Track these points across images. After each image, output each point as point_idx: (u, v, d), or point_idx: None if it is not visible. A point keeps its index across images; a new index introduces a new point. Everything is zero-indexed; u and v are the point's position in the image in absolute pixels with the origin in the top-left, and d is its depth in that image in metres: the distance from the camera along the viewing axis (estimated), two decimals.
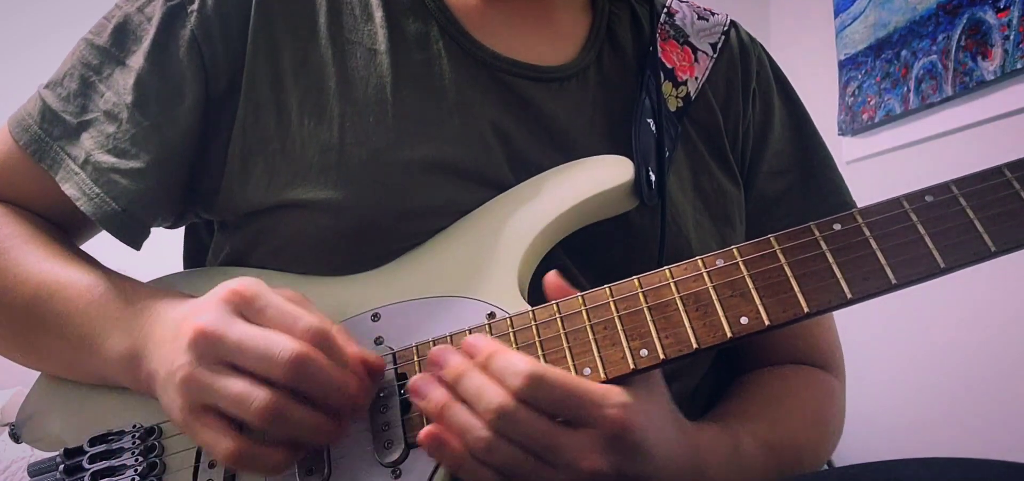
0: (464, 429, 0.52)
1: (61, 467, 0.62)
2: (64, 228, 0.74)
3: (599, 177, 0.67)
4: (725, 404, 0.75)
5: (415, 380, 0.55)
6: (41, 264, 0.67)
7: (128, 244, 0.70)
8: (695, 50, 0.81)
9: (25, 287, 0.66)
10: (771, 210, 0.80)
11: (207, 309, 0.55)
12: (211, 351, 0.53)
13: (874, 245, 0.54)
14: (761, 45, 0.88)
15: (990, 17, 1.53)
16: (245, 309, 0.55)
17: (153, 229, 0.72)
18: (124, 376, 0.62)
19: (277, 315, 0.54)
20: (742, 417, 0.70)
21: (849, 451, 2.05)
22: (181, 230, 0.82)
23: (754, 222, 0.80)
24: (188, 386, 0.54)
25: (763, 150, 0.82)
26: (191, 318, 0.55)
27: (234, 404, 0.52)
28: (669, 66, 0.78)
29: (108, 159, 0.67)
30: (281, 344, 0.52)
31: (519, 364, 0.51)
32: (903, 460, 0.53)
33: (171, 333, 0.57)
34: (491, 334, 0.60)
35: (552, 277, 0.59)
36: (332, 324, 0.56)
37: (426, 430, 0.53)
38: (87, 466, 0.62)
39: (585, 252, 0.69)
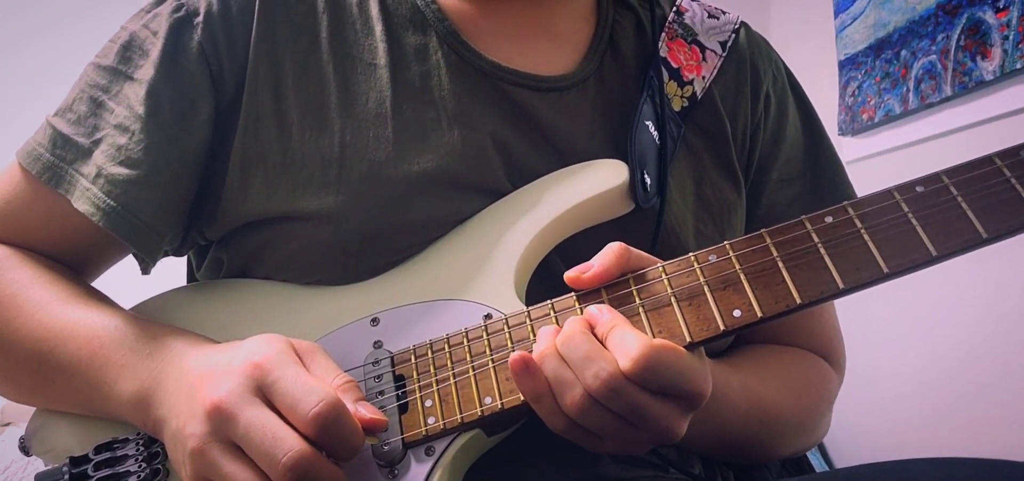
0: (562, 382, 0.53)
1: (67, 475, 0.62)
2: (76, 264, 0.73)
3: (594, 180, 0.68)
4: (717, 359, 0.75)
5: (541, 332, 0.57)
6: (46, 310, 0.65)
7: (143, 256, 0.69)
8: (703, 49, 0.80)
9: (30, 337, 0.65)
10: (779, 218, 0.79)
11: (226, 380, 0.54)
12: (222, 429, 0.53)
13: (866, 236, 0.54)
14: (776, 51, 0.88)
15: (989, 17, 1.53)
16: (261, 383, 0.54)
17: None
18: (134, 417, 0.62)
19: (288, 391, 0.53)
20: (733, 367, 0.71)
21: (852, 448, 2.05)
22: None
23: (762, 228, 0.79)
24: (196, 459, 0.53)
25: (775, 158, 0.82)
26: (209, 384, 0.54)
27: None
28: (675, 66, 0.78)
29: (121, 171, 0.66)
30: (284, 446, 0.51)
31: (633, 344, 0.52)
32: (911, 460, 0.53)
33: (186, 388, 0.57)
34: (487, 334, 0.60)
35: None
36: (340, 383, 0.55)
37: (518, 354, 0.54)
38: (92, 473, 0.62)
39: (581, 258, 0.69)
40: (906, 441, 1.88)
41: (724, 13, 0.84)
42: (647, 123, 0.73)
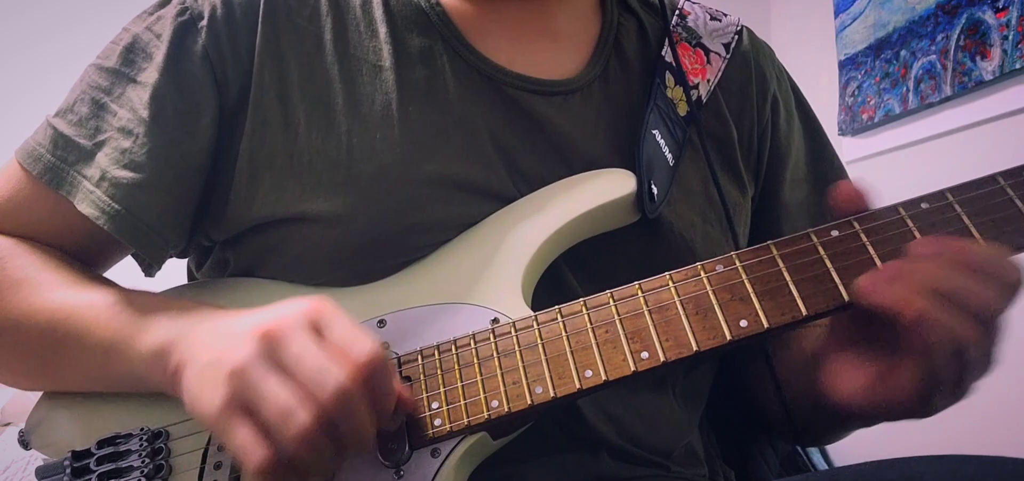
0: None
1: (68, 470, 0.62)
2: (81, 260, 0.73)
3: (601, 190, 0.68)
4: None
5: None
6: (56, 290, 0.65)
7: (149, 260, 0.69)
8: (707, 51, 0.80)
9: (41, 314, 0.65)
10: (794, 219, 0.80)
11: (278, 314, 0.54)
12: (272, 350, 0.52)
13: (871, 250, 0.55)
14: (775, 54, 0.88)
15: (989, 17, 1.53)
16: (316, 322, 0.54)
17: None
18: (152, 370, 0.61)
19: (340, 335, 0.53)
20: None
21: (853, 446, 2.05)
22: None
23: (776, 230, 0.79)
24: (235, 379, 0.52)
25: (787, 159, 0.82)
26: (257, 318, 0.54)
27: (276, 415, 0.51)
28: (680, 70, 0.78)
29: (125, 174, 0.66)
30: (335, 373, 0.51)
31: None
32: (912, 457, 0.54)
33: (221, 332, 0.56)
34: (494, 338, 0.61)
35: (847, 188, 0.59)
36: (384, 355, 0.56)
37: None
38: (94, 468, 0.62)
39: (587, 265, 0.69)
40: (907, 439, 1.88)
41: (725, 15, 0.84)
42: (653, 132, 0.73)
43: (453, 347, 0.61)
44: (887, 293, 0.52)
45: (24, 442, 0.71)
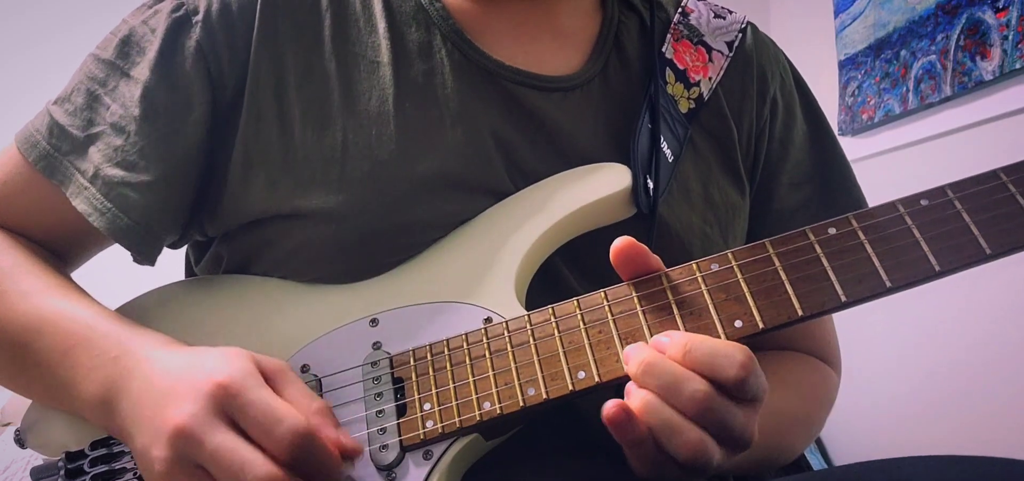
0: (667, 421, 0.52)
1: (62, 471, 0.62)
2: (65, 250, 0.73)
3: (596, 184, 0.67)
4: None
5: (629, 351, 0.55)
6: (28, 300, 0.65)
7: (143, 258, 0.69)
8: (710, 49, 0.80)
9: (11, 325, 0.65)
10: (789, 222, 0.80)
11: (190, 401, 0.52)
12: (188, 452, 0.52)
13: (869, 249, 0.54)
14: (783, 52, 0.87)
15: (989, 17, 1.52)
16: (228, 407, 0.52)
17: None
18: (99, 420, 0.61)
19: (256, 418, 0.52)
20: None
21: (851, 447, 2.05)
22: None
23: (771, 234, 0.80)
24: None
25: (784, 162, 0.81)
26: (174, 405, 0.53)
27: None
28: (681, 67, 0.77)
29: (117, 172, 0.66)
30: (252, 470, 0.50)
31: (737, 353, 0.52)
32: (906, 458, 0.53)
33: (150, 402, 0.55)
34: (486, 338, 0.60)
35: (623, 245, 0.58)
36: (316, 408, 0.54)
37: (613, 403, 0.52)
38: (88, 469, 0.62)
39: (582, 260, 0.69)
40: (904, 440, 1.88)
41: (730, 13, 0.83)
42: (650, 126, 0.73)
43: (445, 347, 0.60)
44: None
45: (19, 440, 0.71)
